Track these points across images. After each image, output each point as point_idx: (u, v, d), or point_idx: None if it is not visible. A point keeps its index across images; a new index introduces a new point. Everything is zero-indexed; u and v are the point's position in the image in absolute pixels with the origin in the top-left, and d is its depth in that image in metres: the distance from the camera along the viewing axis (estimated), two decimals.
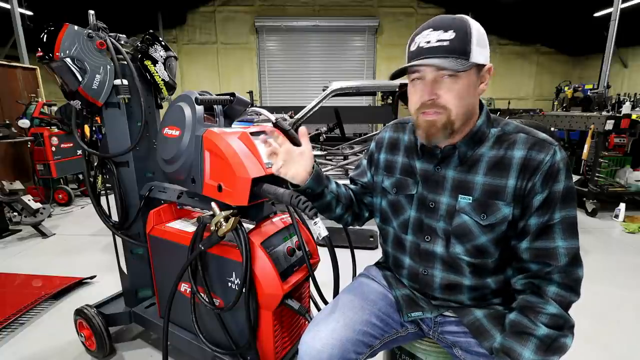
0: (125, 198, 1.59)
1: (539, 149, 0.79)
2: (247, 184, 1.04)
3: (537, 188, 0.78)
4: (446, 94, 0.78)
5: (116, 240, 1.69)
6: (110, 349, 1.68)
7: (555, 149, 0.78)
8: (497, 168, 0.82)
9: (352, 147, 4.20)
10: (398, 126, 1.05)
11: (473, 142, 0.85)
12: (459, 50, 0.75)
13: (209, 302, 1.24)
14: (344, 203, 1.04)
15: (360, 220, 1.13)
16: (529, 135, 0.82)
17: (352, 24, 9.55)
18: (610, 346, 1.80)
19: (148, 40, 1.50)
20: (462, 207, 0.85)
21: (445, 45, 0.75)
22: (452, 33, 0.75)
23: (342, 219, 1.07)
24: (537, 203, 0.78)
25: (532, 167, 0.78)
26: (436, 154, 0.90)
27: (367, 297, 0.99)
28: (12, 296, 2.24)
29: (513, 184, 0.79)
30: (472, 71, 0.78)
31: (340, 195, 1.03)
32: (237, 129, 1.19)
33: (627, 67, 9.09)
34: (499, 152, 0.82)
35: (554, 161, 0.77)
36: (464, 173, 0.86)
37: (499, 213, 0.81)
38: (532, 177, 0.78)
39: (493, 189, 0.82)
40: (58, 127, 4.33)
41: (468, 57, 0.75)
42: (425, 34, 0.78)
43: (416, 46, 0.79)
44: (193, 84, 9.94)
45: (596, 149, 3.87)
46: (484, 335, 0.86)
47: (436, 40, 0.76)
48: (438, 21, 0.78)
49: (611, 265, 2.71)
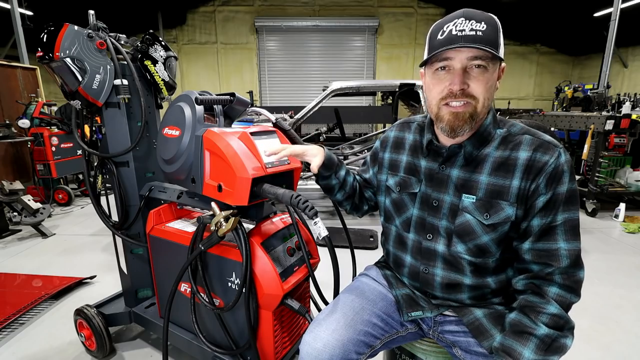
0: (125, 198, 1.59)
1: (543, 150, 0.79)
2: (247, 184, 1.04)
3: (540, 189, 0.78)
4: (475, 84, 0.78)
5: (116, 240, 1.69)
6: (110, 349, 1.68)
7: (560, 151, 0.79)
8: (502, 168, 0.82)
9: (352, 147, 4.20)
10: (403, 126, 1.07)
11: (479, 142, 0.85)
12: (492, 41, 0.75)
13: (209, 302, 1.24)
14: (347, 191, 1.10)
15: (359, 212, 1.18)
16: (534, 137, 0.82)
17: (352, 24, 9.54)
18: (610, 346, 1.80)
19: (148, 40, 1.50)
20: (465, 206, 0.85)
21: (479, 35, 0.74)
22: (484, 25, 0.75)
23: (341, 205, 1.15)
24: (540, 204, 0.79)
25: (537, 168, 0.78)
26: (442, 152, 0.90)
27: (368, 297, 0.99)
28: (12, 296, 2.24)
29: (517, 184, 0.80)
30: (497, 65, 0.79)
31: (346, 183, 1.09)
32: (237, 129, 1.19)
33: (627, 67, 9.08)
34: (504, 153, 0.83)
35: (559, 163, 0.78)
36: (468, 172, 0.86)
37: (502, 213, 0.81)
38: (536, 179, 0.78)
39: (497, 189, 0.82)
40: (58, 127, 4.33)
41: (498, 50, 0.76)
42: (458, 23, 0.76)
43: (446, 34, 0.77)
44: (193, 84, 9.94)
45: (596, 149, 3.87)
46: (483, 335, 0.86)
47: (470, 30, 0.75)
48: (469, 12, 0.77)
49: (611, 265, 2.71)
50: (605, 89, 5.66)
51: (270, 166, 1.09)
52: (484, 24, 0.75)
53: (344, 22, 9.49)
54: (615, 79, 9.12)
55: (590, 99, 5.25)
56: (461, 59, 0.77)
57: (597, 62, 9.12)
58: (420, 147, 0.97)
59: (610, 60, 5.81)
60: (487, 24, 0.75)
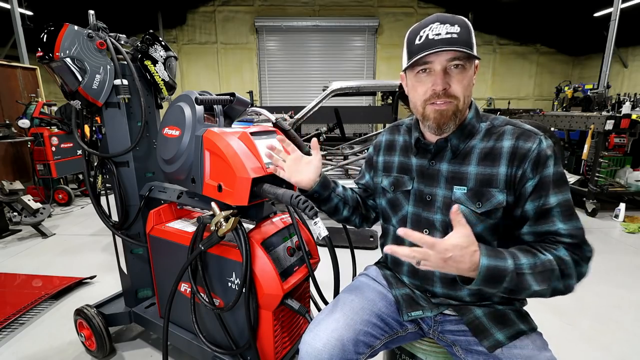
0: (125, 198, 1.59)
1: (525, 138, 0.84)
2: (247, 184, 1.04)
3: (527, 174, 0.82)
4: (455, 84, 0.82)
5: (116, 240, 1.69)
6: (110, 349, 1.68)
7: (541, 137, 0.84)
8: (488, 158, 0.86)
9: (352, 147, 4.21)
10: (394, 129, 1.11)
11: (464, 135, 0.90)
12: (467, 42, 0.80)
13: (209, 302, 1.24)
14: (351, 205, 1.09)
15: (369, 222, 1.18)
16: (515, 127, 0.87)
17: (352, 24, 9.54)
18: (610, 346, 1.80)
19: (148, 40, 1.50)
20: (457, 198, 0.88)
21: (455, 37, 0.79)
22: (458, 27, 0.80)
23: (350, 221, 1.13)
24: (529, 189, 0.82)
25: (521, 155, 0.82)
26: (429, 149, 0.94)
27: (367, 296, 0.99)
28: (12, 296, 2.24)
29: (504, 171, 0.84)
30: (473, 64, 0.84)
31: (347, 198, 1.08)
32: (237, 129, 1.19)
33: (627, 67, 9.08)
34: (489, 143, 0.88)
35: (541, 149, 0.82)
36: (457, 165, 0.90)
37: (493, 200, 0.85)
38: (521, 165, 0.82)
39: (486, 177, 0.86)
40: (58, 127, 4.33)
41: (472, 49, 0.81)
42: (434, 27, 0.81)
43: (423, 39, 0.81)
44: (193, 84, 9.94)
45: (596, 149, 3.87)
46: (483, 334, 0.86)
47: (446, 33, 0.80)
48: (442, 16, 0.82)
49: (611, 265, 2.71)
50: (605, 89, 5.66)
51: (270, 166, 1.09)
52: (457, 27, 0.80)
53: (344, 22, 9.49)
54: (615, 79, 9.12)
55: (590, 99, 5.24)
56: (441, 61, 0.81)
57: (597, 62, 9.12)
58: (410, 147, 1.01)
59: (610, 60, 5.81)
60: (461, 26, 0.80)
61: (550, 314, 2.07)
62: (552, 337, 0.95)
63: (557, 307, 2.12)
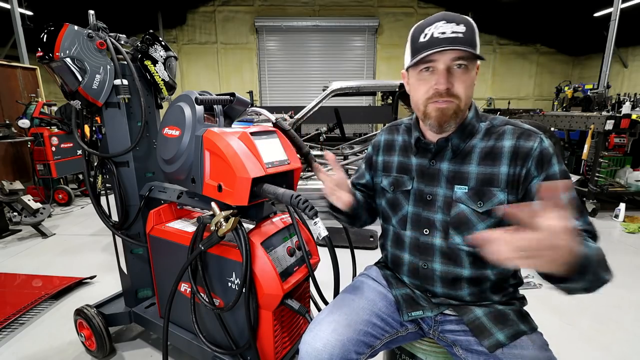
0: (125, 198, 1.59)
1: (525, 137, 0.84)
2: (247, 184, 1.04)
3: (532, 172, 0.82)
4: (458, 84, 0.82)
5: (116, 240, 1.69)
6: (110, 349, 1.68)
7: (541, 136, 0.84)
8: (489, 157, 0.87)
9: (352, 147, 4.20)
10: (392, 128, 1.11)
11: (464, 135, 0.90)
12: (471, 42, 0.80)
13: (209, 302, 1.24)
14: (365, 208, 1.10)
15: (374, 216, 1.17)
16: (515, 126, 0.88)
17: (352, 24, 9.53)
18: (610, 346, 1.80)
19: (148, 40, 1.50)
20: (458, 197, 0.88)
21: (460, 37, 0.79)
22: (463, 27, 0.80)
23: (366, 223, 1.14)
24: (537, 187, 0.81)
25: (523, 153, 0.83)
26: (430, 148, 0.94)
27: (368, 296, 0.99)
28: (12, 296, 2.24)
29: (506, 170, 0.84)
30: (475, 64, 0.84)
31: (360, 201, 1.08)
32: (237, 129, 1.19)
33: (627, 67, 9.07)
34: (489, 143, 0.88)
35: (543, 147, 0.82)
36: (458, 164, 0.90)
37: (494, 199, 0.85)
38: (525, 164, 0.82)
39: (487, 177, 0.86)
40: (58, 127, 4.33)
41: (476, 50, 0.80)
42: (439, 26, 0.80)
43: (428, 37, 0.81)
44: (193, 84, 9.94)
45: (596, 149, 3.87)
46: (484, 334, 0.86)
47: (451, 32, 0.79)
48: (448, 15, 0.82)
49: (611, 265, 2.70)
50: (605, 89, 5.65)
51: (270, 166, 1.09)
52: (463, 26, 0.80)
53: (344, 22, 9.49)
54: (615, 79, 9.12)
55: (590, 99, 5.24)
56: (445, 60, 0.81)
57: (597, 62, 9.11)
58: (409, 146, 1.01)
59: (610, 60, 5.81)
60: (466, 26, 0.80)
61: (550, 314, 2.07)
62: (552, 337, 0.95)
63: (557, 307, 2.12)
